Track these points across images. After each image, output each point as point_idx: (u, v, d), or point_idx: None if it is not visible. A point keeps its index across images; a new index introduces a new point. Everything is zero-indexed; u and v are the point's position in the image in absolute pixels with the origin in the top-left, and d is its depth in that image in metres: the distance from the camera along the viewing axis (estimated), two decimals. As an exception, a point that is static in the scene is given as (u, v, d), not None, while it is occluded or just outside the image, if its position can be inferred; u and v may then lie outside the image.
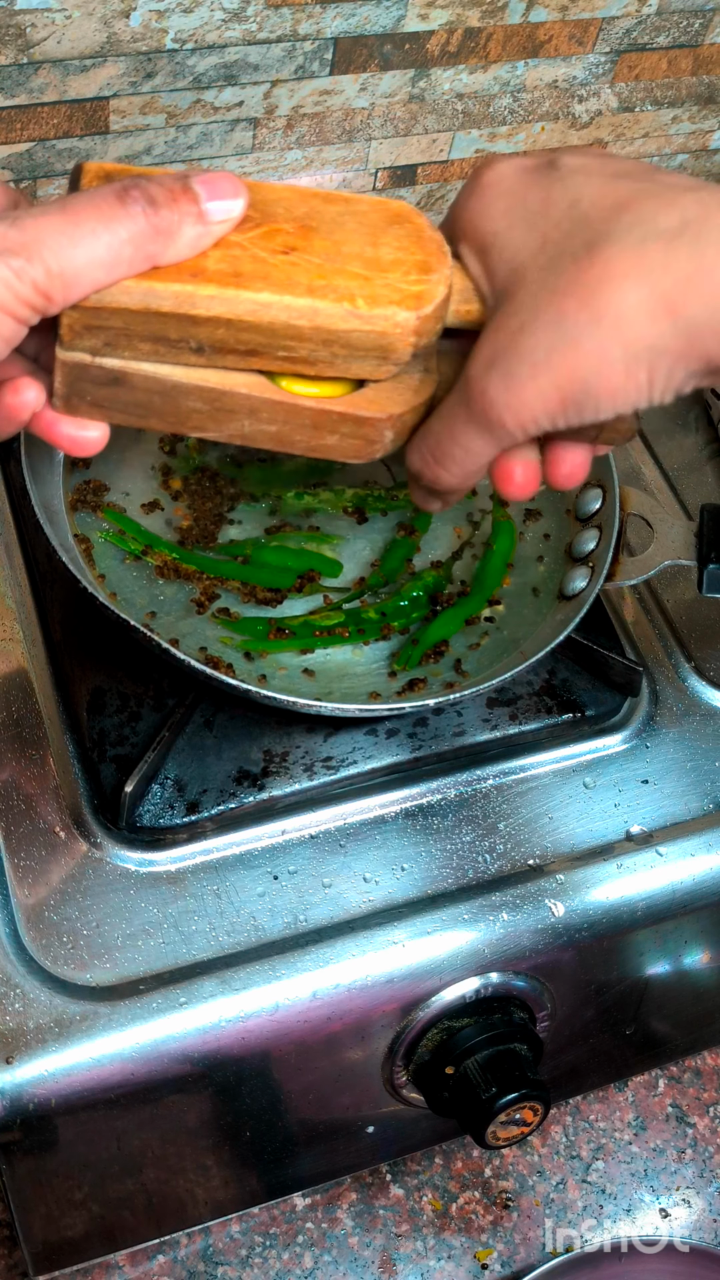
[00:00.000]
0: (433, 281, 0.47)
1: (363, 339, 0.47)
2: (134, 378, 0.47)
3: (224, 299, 0.45)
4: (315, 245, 0.47)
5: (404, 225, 0.48)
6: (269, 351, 0.47)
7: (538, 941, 0.66)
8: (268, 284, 0.45)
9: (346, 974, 0.62)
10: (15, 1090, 0.57)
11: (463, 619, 0.68)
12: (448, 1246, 0.82)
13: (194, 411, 0.49)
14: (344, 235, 0.47)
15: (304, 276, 0.46)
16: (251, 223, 0.46)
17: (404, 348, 0.48)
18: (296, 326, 0.46)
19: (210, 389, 0.48)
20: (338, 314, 0.46)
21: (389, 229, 0.48)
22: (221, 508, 0.70)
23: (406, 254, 0.47)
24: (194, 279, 0.45)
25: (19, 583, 0.72)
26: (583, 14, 0.82)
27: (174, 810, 0.63)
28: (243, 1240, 0.80)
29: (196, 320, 0.45)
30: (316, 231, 0.47)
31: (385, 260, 0.47)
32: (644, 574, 0.69)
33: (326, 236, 0.47)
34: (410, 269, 0.47)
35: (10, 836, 0.64)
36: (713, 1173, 0.87)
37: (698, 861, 0.69)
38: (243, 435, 0.50)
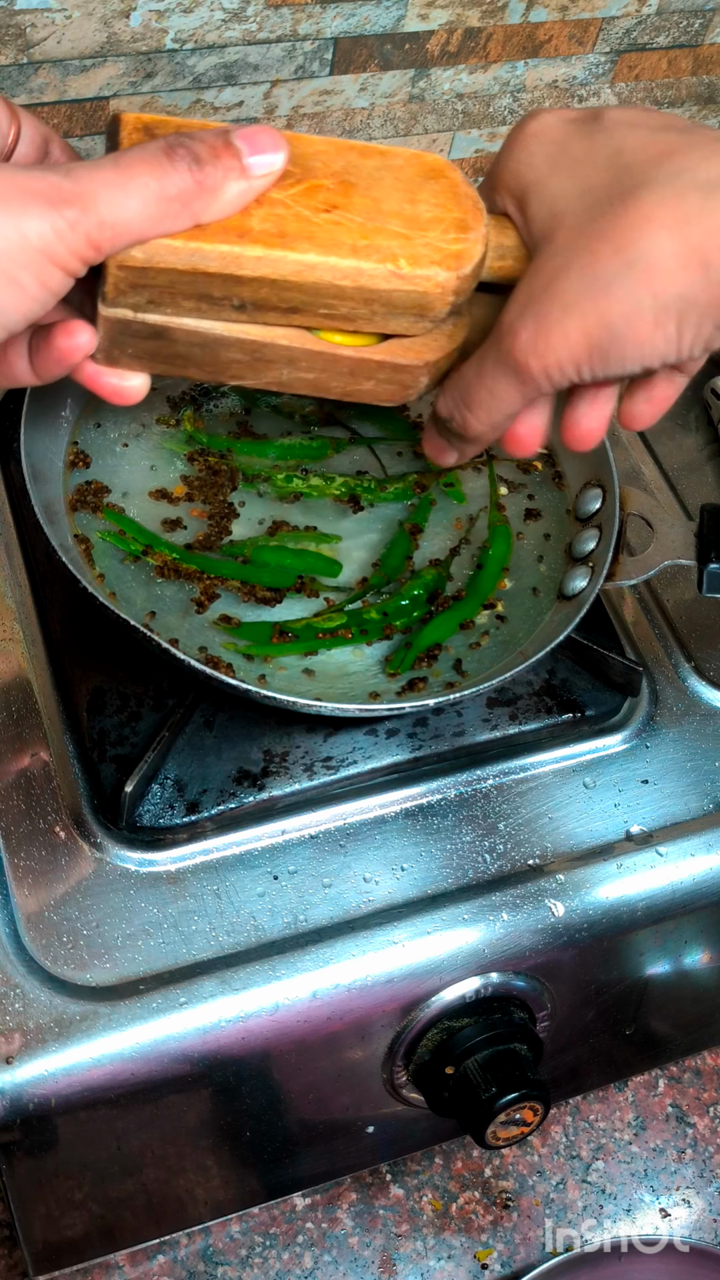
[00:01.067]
0: (471, 240, 0.48)
1: (403, 298, 0.48)
2: (175, 332, 0.48)
3: (270, 260, 0.46)
4: (355, 203, 0.47)
5: (439, 180, 0.49)
6: (310, 309, 0.48)
7: (538, 941, 0.66)
8: (313, 244, 0.46)
9: (346, 974, 0.62)
10: (15, 1090, 0.57)
11: (456, 623, 0.68)
12: (448, 1246, 0.82)
13: (233, 362, 0.50)
14: (382, 191, 0.48)
15: (347, 236, 0.47)
16: (292, 179, 0.47)
17: (441, 306, 0.49)
18: (340, 286, 0.47)
19: (250, 341, 0.49)
20: (381, 274, 0.47)
21: (425, 184, 0.49)
22: (227, 492, 0.71)
23: (444, 211, 0.48)
24: (240, 239, 0.45)
25: (19, 583, 0.72)
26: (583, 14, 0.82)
27: (174, 810, 0.63)
28: (243, 1240, 0.80)
29: (241, 280, 0.46)
30: (355, 187, 0.48)
31: (424, 218, 0.48)
32: (644, 574, 0.69)
33: (365, 193, 0.48)
34: (449, 227, 0.48)
35: (10, 836, 0.64)
36: (713, 1173, 0.87)
37: (698, 861, 0.69)
38: (280, 383, 0.51)
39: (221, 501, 0.71)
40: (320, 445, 0.74)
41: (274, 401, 0.76)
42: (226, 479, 0.72)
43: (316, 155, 0.48)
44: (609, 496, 0.71)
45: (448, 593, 0.70)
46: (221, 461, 0.72)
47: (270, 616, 0.67)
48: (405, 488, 0.73)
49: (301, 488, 0.72)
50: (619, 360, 0.46)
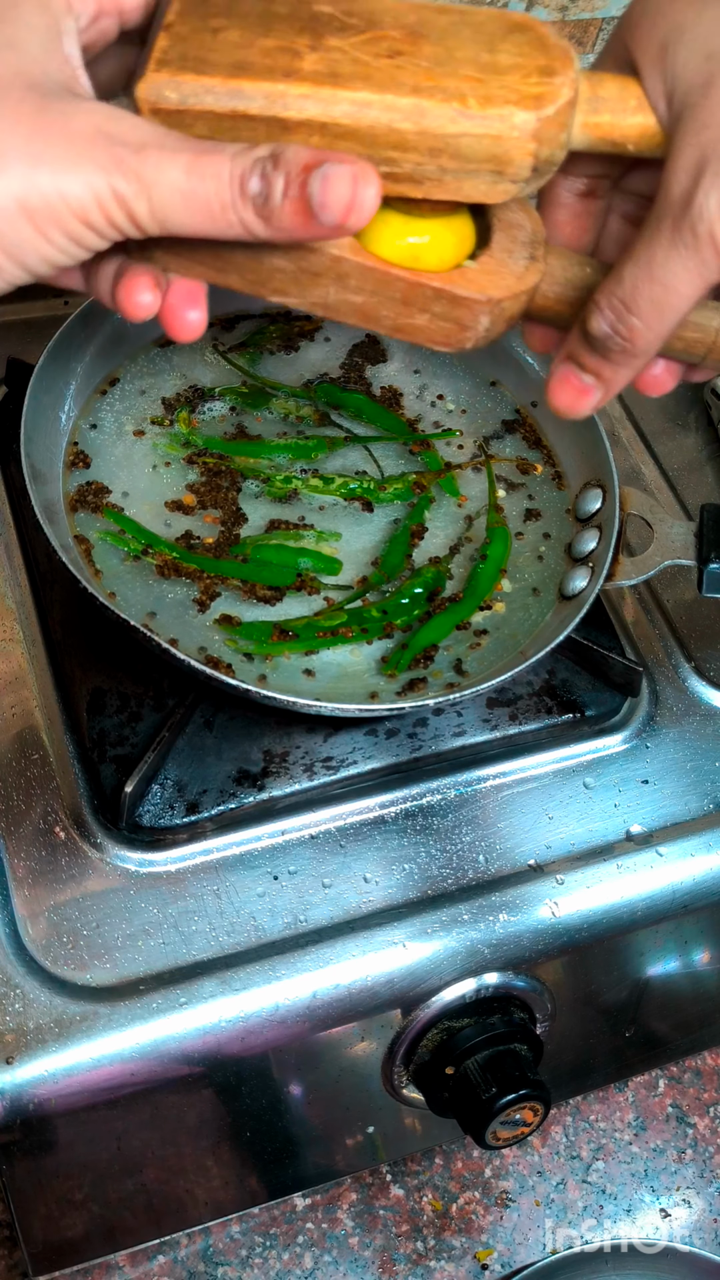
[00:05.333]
0: (556, 84, 0.42)
1: (474, 145, 0.42)
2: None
3: (319, 98, 0.41)
4: (424, 50, 0.42)
5: (526, 33, 0.44)
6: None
7: (537, 942, 0.66)
8: (368, 84, 0.41)
9: (346, 974, 0.62)
10: (15, 1090, 0.57)
11: (453, 624, 0.68)
12: (448, 1246, 0.82)
13: (277, 271, 0.44)
14: (457, 42, 0.43)
15: (409, 78, 0.41)
16: (354, 30, 0.42)
17: (522, 158, 0.43)
18: (400, 131, 0.41)
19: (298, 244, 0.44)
20: (446, 114, 0.41)
21: (509, 36, 0.43)
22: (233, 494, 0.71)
23: (527, 59, 0.43)
24: (287, 78, 0.41)
25: (19, 583, 0.72)
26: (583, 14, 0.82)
27: (174, 810, 0.63)
28: (243, 1240, 0.80)
29: (287, 125, 0.41)
30: (426, 38, 0.43)
31: (503, 65, 0.42)
32: (644, 574, 0.69)
33: (438, 43, 0.43)
34: (531, 72, 0.42)
35: (10, 836, 0.64)
36: (713, 1173, 0.87)
37: (698, 861, 0.69)
38: (325, 305, 0.45)
39: (231, 504, 0.71)
40: (316, 444, 0.74)
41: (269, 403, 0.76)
42: (228, 480, 0.72)
43: (386, 10, 0.43)
44: (609, 496, 0.71)
45: (446, 593, 0.70)
46: (220, 463, 0.72)
47: (271, 615, 0.67)
48: (404, 487, 0.74)
49: (301, 488, 0.72)
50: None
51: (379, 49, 0.42)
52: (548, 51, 0.43)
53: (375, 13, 0.43)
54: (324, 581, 0.69)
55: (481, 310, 0.45)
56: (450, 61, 0.42)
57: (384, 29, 0.43)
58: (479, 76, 0.42)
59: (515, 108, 0.42)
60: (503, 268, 0.46)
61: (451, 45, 0.43)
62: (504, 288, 0.46)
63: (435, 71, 0.42)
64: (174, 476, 0.72)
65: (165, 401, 0.74)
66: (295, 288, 0.45)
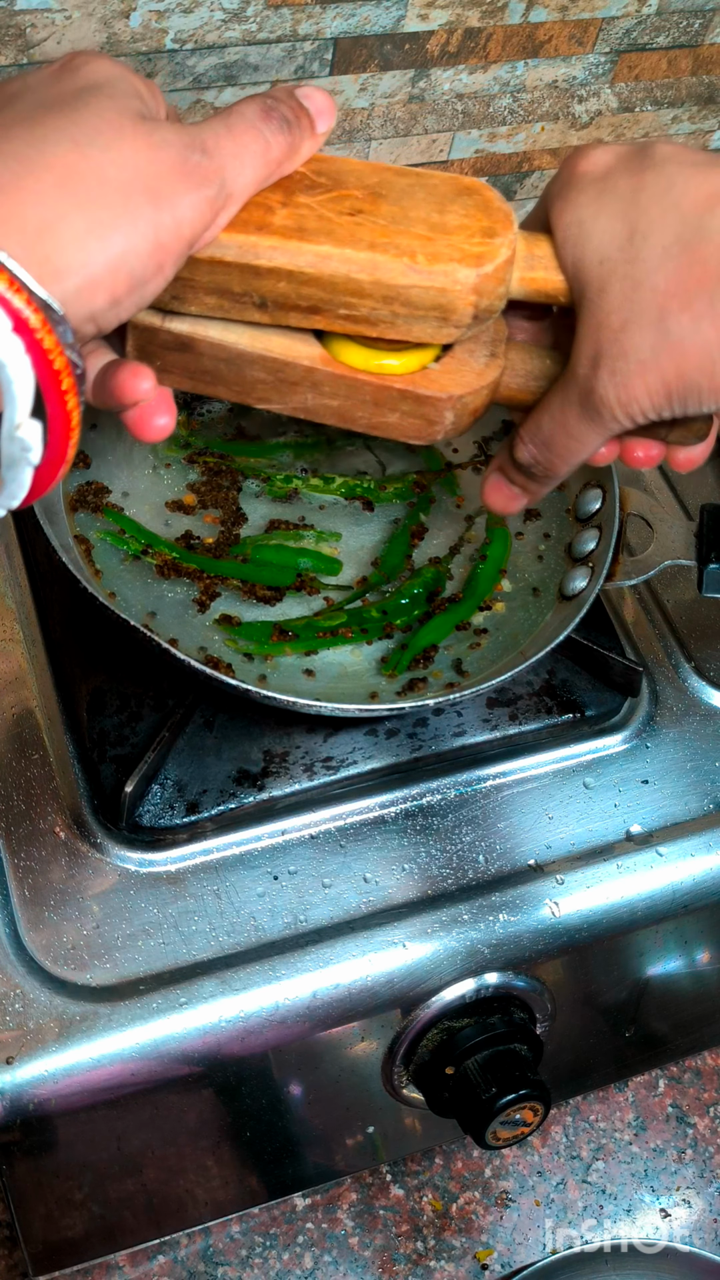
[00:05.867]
0: (495, 244, 0.47)
1: (422, 296, 0.47)
2: (201, 344, 0.48)
3: (286, 250, 0.46)
4: (382, 210, 0.48)
5: (473, 196, 0.49)
6: (330, 308, 0.47)
7: (537, 942, 0.66)
8: (330, 239, 0.46)
9: (346, 974, 0.62)
10: (15, 1090, 0.57)
11: (453, 625, 0.68)
12: (448, 1246, 0.82)
13: (259, 382, 0.50)
14: (412, 203, 0.48)
15: (367, 234, 0.47)
16: (322, 189, 0.47)
17: (464, 307, 0.48)
18: (356, 280, 0.46)
19: (273, 358, 0.49)
20: (397, 269, 0.46)
21: (458, 199, 0.49)
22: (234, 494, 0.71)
23: (472, 220, 0.48)
24: (259, 231, 0.46)
25: (19, 583, 0.72)
26: (583, 14, 0.82)
27: (174, 810, 0.63)
28: (243, 1240, 0.80)
29: (259, 271, 0.46)
30: (385, 199, 0.48)
31: (450, 225, 0.48)
32: (644, 574, 0.69)
33: (395, 203, 0.48)
34: (475, 233, 0.48)
35: (10, 836, 0.64)
36: (713, 1173, 0.87)
37: (698, 861, 0.69)
38: (306, 409, 0.51)
39: (232, 504, 0.71)
40: (315, 443, 0.74)
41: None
42: (228, 480, 0.72)
43: (352, 171, 0.49)
44: (609, 496, 0.71)
45: (446, 593, 0.70)
46: (221, 462, 0.72)
47: (271, 615, 0.67)
48: (404, 487, 0.74)
49: (301, 488, 0.72)
50: (697, 403, 0.48)
51: (342, 207, 0.47)
52: (491, 214, 0.48)
53: (342, 173, 0.48)
54: (324, 582, 0.69)
55: (445, 406, 0.50)
56: (404, 220, 0.47)
57: (348, 189, 0.48)
58: (428, 235, 0.47)
59: (459, 265, 0.47)
60: (464, 366, 0.51)
61: (407, 205, 0.48)
62: (465, 385, 0.50)
63: (390, 229, 0.47)
64: (174, 477, 0.72)
65: None
66: (277, 395, 0.50)
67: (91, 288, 0.40)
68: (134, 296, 0.42)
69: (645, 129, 0.93)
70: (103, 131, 0.41)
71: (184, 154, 0.42)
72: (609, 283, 0.47)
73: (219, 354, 0.49)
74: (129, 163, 0.41)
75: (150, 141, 0.41)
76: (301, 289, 0.47)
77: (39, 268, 0.38)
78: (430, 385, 0.50)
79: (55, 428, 0.40)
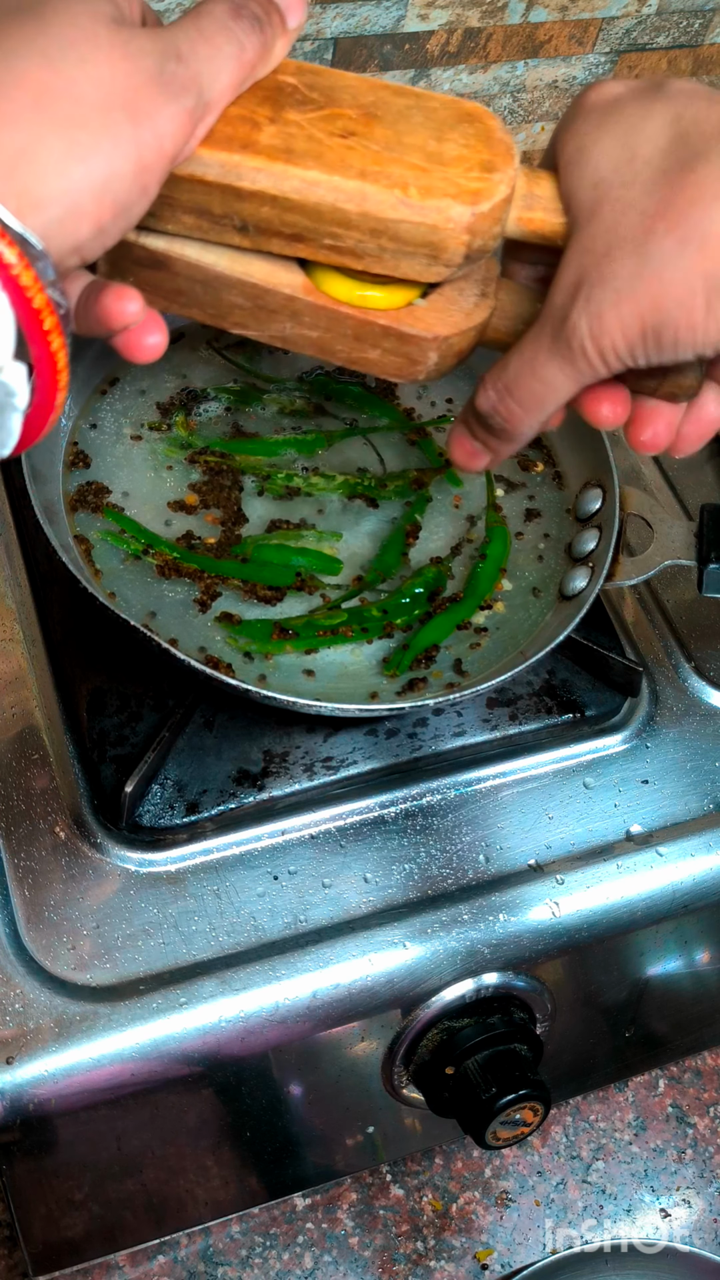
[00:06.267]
0: (494, 180, 0.45)
1: (412, 231, 0.44)
2: (177, 263, 0.46)
3: (271, 173, 0.43)
4: (376, 133, 0.45)
5: (474, 124, 0.46)
6: (314, 238, 0.45)
7: (537, 942, 0.66)
8: (319, 163, 0.43)
9: (346, 974, 0.62)
10: (15, 1090, 0.57)
11: (454, 624, 0.68)
12: (448, 1246, 0.82)
13: (235, 306, 0.47)
14: (408, 127, 0.45)
15: (358, 160, 0.44)
16: (314, 105, 0.45)
17: (456, 246, 0.45)
18: (343, 210, 0.44)
19: (253, 284, 0.46)
20: (388, 201, 0.44)
21: (458, 125, 0.46)
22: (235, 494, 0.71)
23: (471, 151, 0.45)
24: (243, 150, 0.43)
25: (19, 583, 0.72)
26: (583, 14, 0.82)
27: (174, 810, 0.63)
28: (243, 1240, 0.80)
29: (241, 193, 0.44)
30: (380, 120, 0.45)
31: (448, 155, 0.45)
32: (644, 574, 0.69)
33: (390, 126, 0.45)
34: (473, 166, 0.45)
35: (10, 836, 0.64)
36: (713, 1173, 0.87)
37: (698, 861, 0.69)
38: (284, 338, 0.48)
39: (234, 503, 0.71)
40: (315, 439, 0.74)
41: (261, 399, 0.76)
42: (229, 479, 0.72)
43: (346, 88, 0.46)
44: (609, 496, 0.71)
45: (447, 592, 0.70)
46: (222, 461, 0.72)
47: (271, 615, 0.67)
48: (405, 484, 0.74)
49: (301, 485, 0.72)
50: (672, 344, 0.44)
51: (333, 127, 0.44)
52: (492, 146, 0.46)
53: (335, 89, 0.45)
54: (324, 581, 0.69)
55: (430, 346, 0.48)
56: (399, 147, 0.45)
57: (341, 107, 0.45)
58: (424, 165, 0.44)
59: (453, 201, 0.44)
60: (452, 305, 0.48)
61: (402, 130, 0.45)
62: (452, 325, 0.48)
63: (383, 156, 0.44)
64: (175, 477, 0.72)
65: (160, 406, 0.74)
66: (254, 322, 0.48)
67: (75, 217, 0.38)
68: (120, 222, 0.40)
69: (645, 129, 0.93)
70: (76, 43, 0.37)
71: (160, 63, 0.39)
72: (600, 206, 0.44)
73: (195, 274, 0.46)
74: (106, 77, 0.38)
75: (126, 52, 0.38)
76: (285, 215, 0.44)
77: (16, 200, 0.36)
78: (416, 323, 0.47)
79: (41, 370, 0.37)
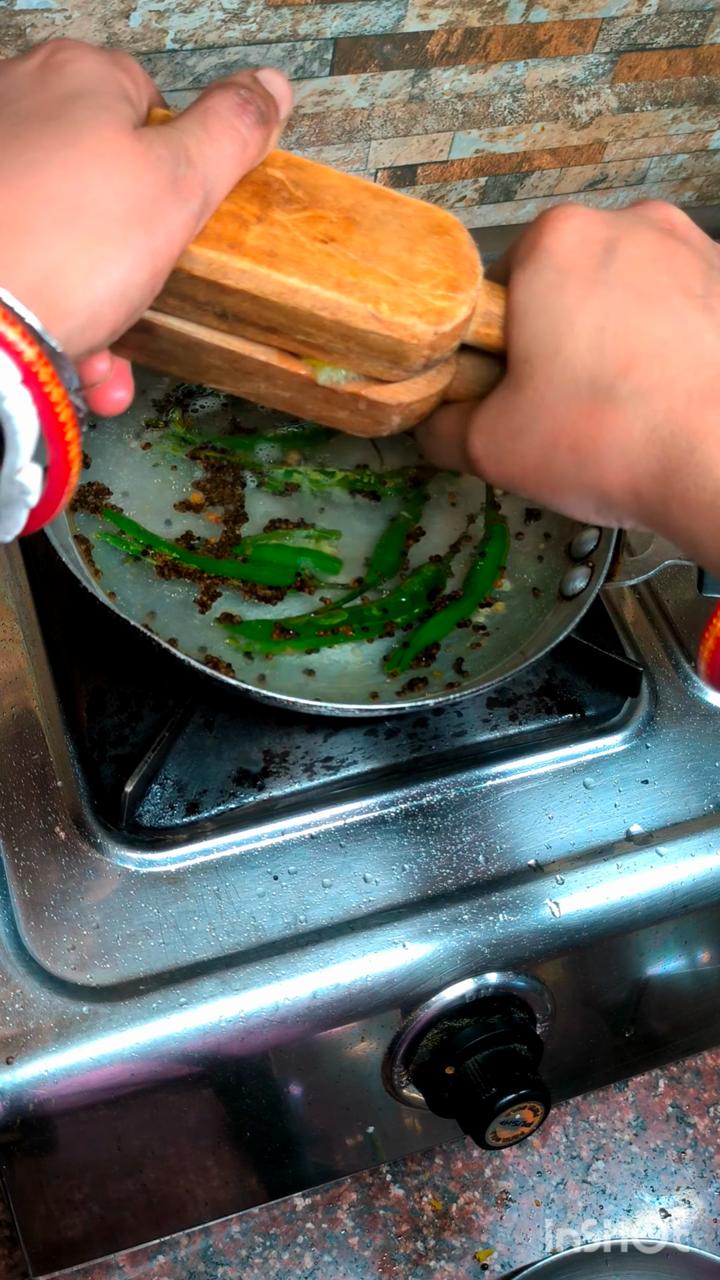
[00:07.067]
0: (458, 300, 0.48)
1: (380, 341, 0.48)
2: (160, 329, 0.49)
3: (255, 276, 0.46)
4: (354, 240, 0.48)
5: (444, 237, 0.49)
6: (288, 332, 0.48)
7: (537, 942, 0.65)
8: (300, 269, 0.46)
9: (346, 974, 0.62)
10: (15, 1090, 0.57)
11: (454, 622, 0.68)
12: (448, 1246, 0.82)
13: (212, 367, 0.50)
14: (384, 235, 0.48)
15: (336, 270, 0.47)
16: (298, 205, 0.48)
17: (417, 358, 0.49)
18: (318, 316, 0.47)
19: (230, 351, 0.49)
20: (360, 314, 0.47)
21: (429, 238, 0.49)
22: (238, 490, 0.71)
23: (440, 267, 0.48)
24: (231, 250, 0.46)
25: (19, 583, 0.72)
26: (583, 14, 0.82)
27: (174, 810, 0.63)
28: (243, 1240, 0.80)
29: (225, 289, 0.46)
30: (359, 226, 0.48)
31: (418, 269, 0.48)
32: (644, 574, 0.69)
33: (367, 234, 0.48)
34: (440, 283, 0.48)
35: (10, 836, 0.64)
36: (713, 1173, 0.87)
37: (698, 861, 0.69)
38: (257, 395, 0.52)
39: (237, 500, 0.71)
40: (312, 434, 0.74)
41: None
42: (231, 475, 0.72)
43: (329, 188, 0.49)
44: (609, 496, 0.71)
45: (447, 591, 0.70)
46: (222, 457, 0.72)
47: (271, 615, 0.67)
48: (403, 481, 0.74)
49: (300, 481, 0.72)
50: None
51: (315, 231, 0.47)
52: (458, 264, 0.49)
53: (319, 189, 0.49)
54: (324, 581, 0.69)
55: (394, 411, 0.52)
56: (374, 256, 0.48)
57: (324, 209, 0.48)
58: (395, 279, 0.48)
59: (419, 319, 0.47)
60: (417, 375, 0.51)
61: (378, 238, 0.48)
62: (415, 392, 0.51)
63: (359, 266, 0.47)
64: (177, 477, 0.72)
65: (156, 403, 0.74)
66: (230, 380, 0.51)
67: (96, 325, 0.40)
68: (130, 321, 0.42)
69: (645, 129, 0.93)
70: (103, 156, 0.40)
71: (174, 169, 0.41)
72: (524, 384, 0.48)
73: (177, 339, 0.49)
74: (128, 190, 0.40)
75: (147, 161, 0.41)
76: (263, 311, 0.47)
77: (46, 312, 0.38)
78: (382, 392, 0.51)
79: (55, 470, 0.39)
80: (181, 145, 0.42)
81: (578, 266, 0.48)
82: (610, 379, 0.46)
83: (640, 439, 0.46)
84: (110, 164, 0.40)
